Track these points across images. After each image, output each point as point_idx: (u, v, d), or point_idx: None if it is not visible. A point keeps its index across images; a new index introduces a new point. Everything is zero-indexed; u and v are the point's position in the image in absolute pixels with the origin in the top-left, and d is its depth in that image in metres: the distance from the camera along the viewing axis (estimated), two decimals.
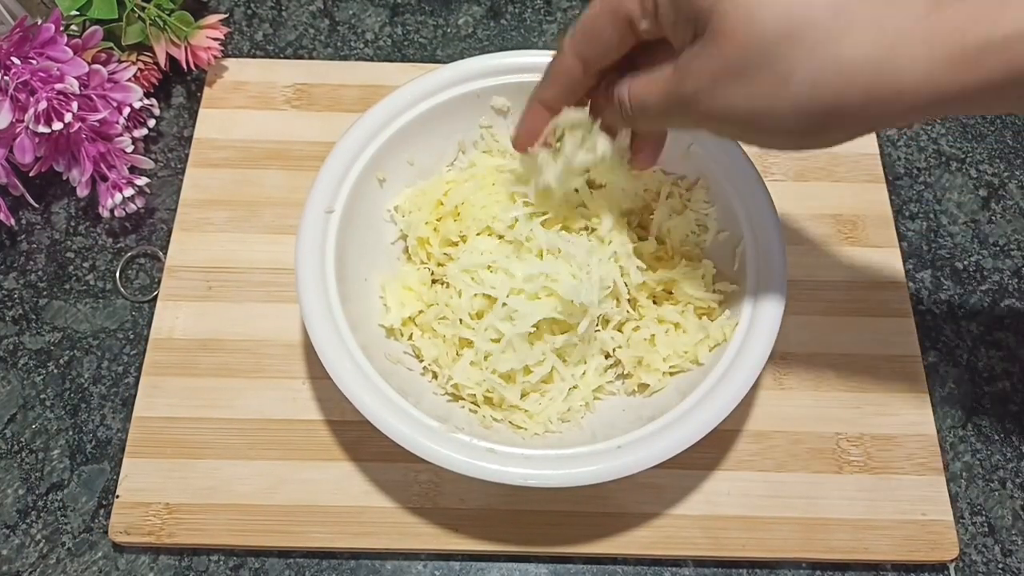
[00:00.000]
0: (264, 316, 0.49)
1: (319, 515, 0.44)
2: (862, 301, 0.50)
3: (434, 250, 0.45)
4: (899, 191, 0.56)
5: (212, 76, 0.57)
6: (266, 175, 0.53)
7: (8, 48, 0.47)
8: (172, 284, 0.50)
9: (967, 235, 0.54)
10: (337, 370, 0.38)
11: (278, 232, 0.51)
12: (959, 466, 0.47)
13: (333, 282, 0.41)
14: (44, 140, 0.48)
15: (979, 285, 0.53)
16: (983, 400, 0.49)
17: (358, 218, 0.44)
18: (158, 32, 0.53)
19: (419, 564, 0.44)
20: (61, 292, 0.51)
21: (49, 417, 0.47)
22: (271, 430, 0.46)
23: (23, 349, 0.49)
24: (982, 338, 0.51)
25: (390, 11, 0.62)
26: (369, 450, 0.45)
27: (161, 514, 0.43)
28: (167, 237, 0.52)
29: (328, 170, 0.44)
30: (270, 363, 0.48)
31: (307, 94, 0.56)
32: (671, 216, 0.46)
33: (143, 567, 0.43)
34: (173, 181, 0.54)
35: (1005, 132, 0.58)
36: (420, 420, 0.38)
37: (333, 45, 0.60)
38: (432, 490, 0.44)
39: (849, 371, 0.48)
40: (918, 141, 0.58)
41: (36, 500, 0.45)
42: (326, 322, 0.40)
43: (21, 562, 0.43)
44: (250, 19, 0.61)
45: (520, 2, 0.63)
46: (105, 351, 0.49)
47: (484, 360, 0.41)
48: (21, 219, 0.53)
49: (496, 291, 0.41)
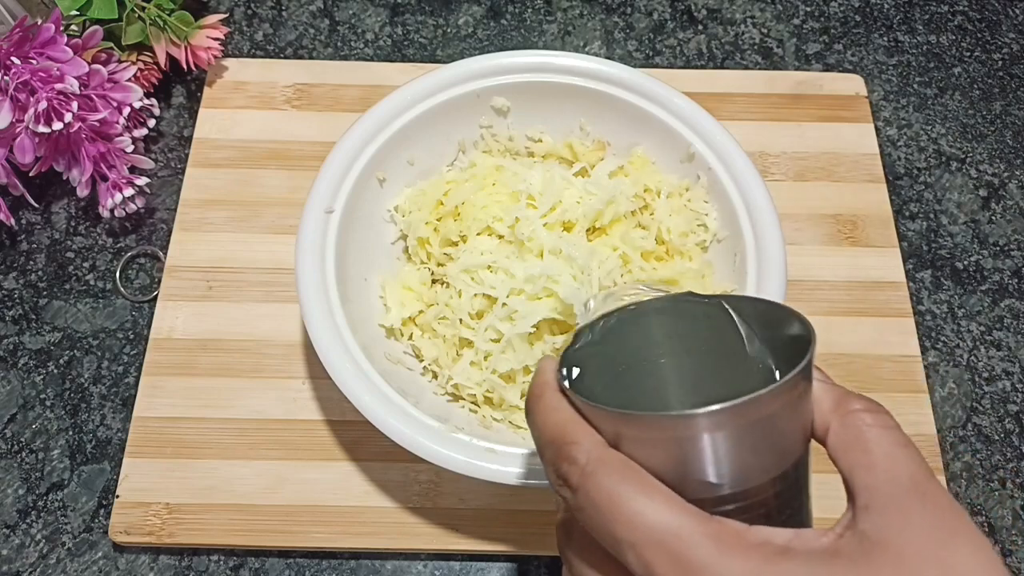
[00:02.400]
0: (264, 316, 0.49)
1: (319, 515, 0.44)
2: (862, 301, 0.50)
3: (434, 250, 0.45)
4: (899, 191, 0.56)
5: (212, 76, 0.57)
6: (266, 175, 0.53)
7: (8, 48, 0.47)
8: (172, 284, 0.50)
9: (967, 235, 0.54)
10: (337, 370, 0.38)
11: (278, 232, 0.51)
12: (959, 466, 0.47)
13: (333, 282, 0.41)
14: (44, 140, 0.48)
15: (979, 285, 0.53)
16: (983, 400, 0.49)
17: (358, 218, 0.44)
18: (158, 32, 0.53)
19: (419, 564, 0.44)
20: (61, 292, 0.51)
21: (49, 417, 0.47)
22: (271, 430, 0.46)
23: (23, 349, 0.49)
24: (982, 338, 0.51)
25: (390, 11, 0.62)
26: (369, 450, 0.45)
27: (161, 514, 0.43)
28: (167, 237, 0.52)
29: (328, 170, 0.44)
30: (270, 363, 0.48)
31: (307, 94, 0.56)
32: (671, 215, 0.46)
33: (143, 567, 0.43)
34: (173, 181, 0.54)
35: (1005, 132, 0.58)
36: (420, 420, 0.38)
37: (333, 45, 0.60)
38: (432, 490, 0.44)
39: (849, 371, 0.48)
40: (918, 141, 0.58)
41: (36, 500, 0.45)
42: (326, 322, 0.40)
43: (21, 562, 0.43)
44: (250, 19, 0.61)
45: (520, 2, 0.63)
46: (105, 351, 0.49)
47: (484, 360, 0.41)
48: (21, 219, 0.53)
49: (496, 291, 0.41)
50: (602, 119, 0.48)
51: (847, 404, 0.24)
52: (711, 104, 0.48)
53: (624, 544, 0.22)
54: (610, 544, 0.23)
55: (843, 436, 0.24)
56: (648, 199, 0.47)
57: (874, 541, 0.22)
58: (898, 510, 0.22)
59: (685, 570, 0.21)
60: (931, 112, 0.59)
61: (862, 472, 0.23)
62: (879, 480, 0.23)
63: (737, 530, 0.22)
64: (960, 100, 0.59)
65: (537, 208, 0.44)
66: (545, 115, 0.48)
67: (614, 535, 0.23)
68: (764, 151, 0.55)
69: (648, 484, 0.23)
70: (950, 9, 0.64)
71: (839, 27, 0.62)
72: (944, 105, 0.59)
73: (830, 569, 0.21)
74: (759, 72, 0.59)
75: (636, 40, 0.61)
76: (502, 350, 0.41)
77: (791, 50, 0.61)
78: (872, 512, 0.22)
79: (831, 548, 0.22)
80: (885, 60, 0.61)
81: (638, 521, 0.22)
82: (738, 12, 0.63)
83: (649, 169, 0.47)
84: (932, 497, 0.22)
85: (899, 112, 0.59)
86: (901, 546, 0.21)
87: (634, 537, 0.22)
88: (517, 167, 0.46)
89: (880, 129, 0.58)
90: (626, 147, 0.48)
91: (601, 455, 0.24)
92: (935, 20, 0.63)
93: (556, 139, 0.49)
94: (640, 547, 0.22)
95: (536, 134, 0.49)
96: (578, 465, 0.24)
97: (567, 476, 0.24)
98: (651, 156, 0.47)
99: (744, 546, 0.22)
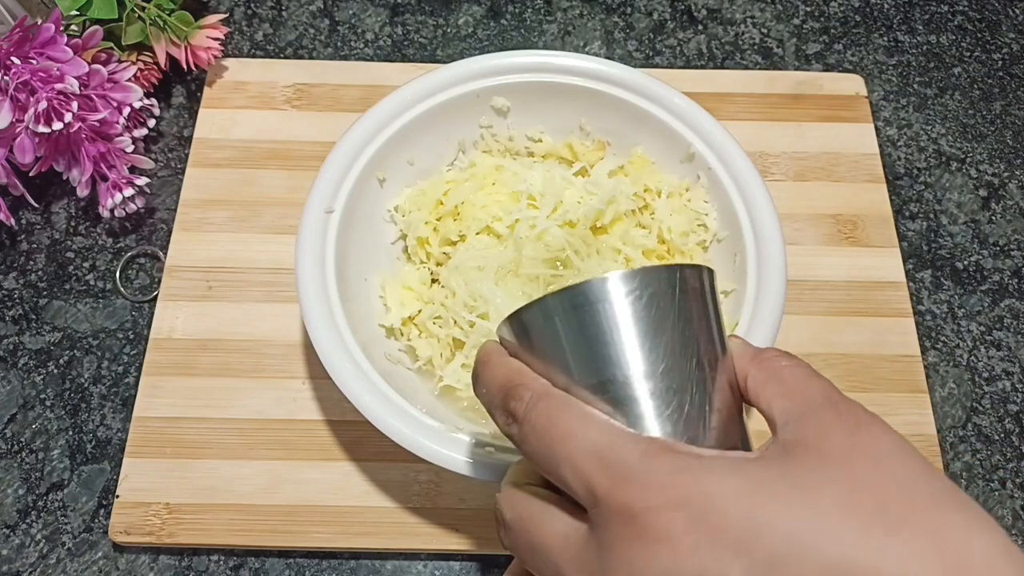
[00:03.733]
0: (264, 316, 0.49)
1: (319, 515, 0.44)
2: (862, 301, 0.50)
3: (433, 250, 0.45)
4: (899, 191, 0.56)
5: (212, 76, 0.57)
6: (266, 175, 0.53)
7: (8, 48, 0.47)
8: (172, 284, 0.50)
9: (967, 235, 0.54)
10: (337, 370, 0.38)
11: (278, 232, 0.51)
12: (959, 466, 0.47)
13: (333, 282, 0.41)
14: (44, 140, 0.48)
15: (979, 285, 0.53)
16: (983, 400, 0.49)
17: (358, 218, 0.44)
18: (158, 32, 0.53)
19: (419, 564, 0.44)
20: (61, 292, 0.51)
21: (49, 417, 0.47)
22: (271, 430, 0.46)
23: (23, 349, 0.49)
24: (982, 338, 0.51)
25: (390, 11, 0.62)
26: (369, 450, 0.45)
27: (161, 514, 0.43)
28: (167, 237, 0.52)
29: (328, 170, 0.44)
30: (270, 363, 0.48)
31: (307, 94, 0.56)
32: (672, 215, 0.46)
33: (143, 567, 0.43)
34: (173, 181, 0.54)
35: (1005, 132, 0.58)
36: (420, 420, 0.38)
37: (333, 45, 0.60)
38: (432, 490, 0.44)
39: (849, 371, 0.48)
40: (918, 141, 0.58)
41: (36, 500, 0.45)
42: (326, 322, 0.40)
43: (21, 562, 0.43)
44: (250, 19, 0.61)
45: (520, 2, 0.63)
46: (105, 351, 0.49)
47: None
48: (21, 219, 0.53)
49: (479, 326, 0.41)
50: (602, 119, 0.48)
51: (762, 353, 0.27)
52: (711, 104, 0.48)
53: (561, 459, 0.24)
54: (549, 466, 0.25)
55: (760, 376, 0.26)
56: (648, 199, 0.47)
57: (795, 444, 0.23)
58: (815, 419, 0.24)
59: (615, 472, 0.23)
60: (931, 112, 0.59)
61: (779, 400, 0.25)
62: (795, 402, 0.25)
63: (666, 443, 0.24)
64: (960, 100, 0.59)
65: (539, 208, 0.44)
66: (545, 115, 0.48)
67: (552, 453, 0.25)
68: (764, 151, 0.55)
69: (585, 411, 0.25)
70: (950, 9, 0.64)
71: (839, 27, 0.62)
72: (944, 105, 0.59)
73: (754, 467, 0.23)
74: (759, 72, 0.59)
75: (636, 40, 0.61)
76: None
77: (791, 50, 0.61)
78: (790, 425, 0.24)
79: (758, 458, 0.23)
80: (885, 60, 0.61)
81: (575, 438, 0.24)
82: (738, 12, 0.63)
83: (649, 169, 0.47)
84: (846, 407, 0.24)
85: (899, 112, 0.59)
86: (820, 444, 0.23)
87: (569, 451, 0.24)
88: (517, 167, 0.46)
89: (880, 129, 0.58)
90: (626, 147, 0.48)
91: (544, 389, 0.26)
92: (935, 20, 0.63)
93: (556, 139, 0.49)
94: (575, 459, 0.24)
95: (536, 134, 0.49)
96: (523, 401, 0.26)
97: (514, 411, 0.26)
98: (651, 156, 0.47)
99: (671, 452, 0.23)
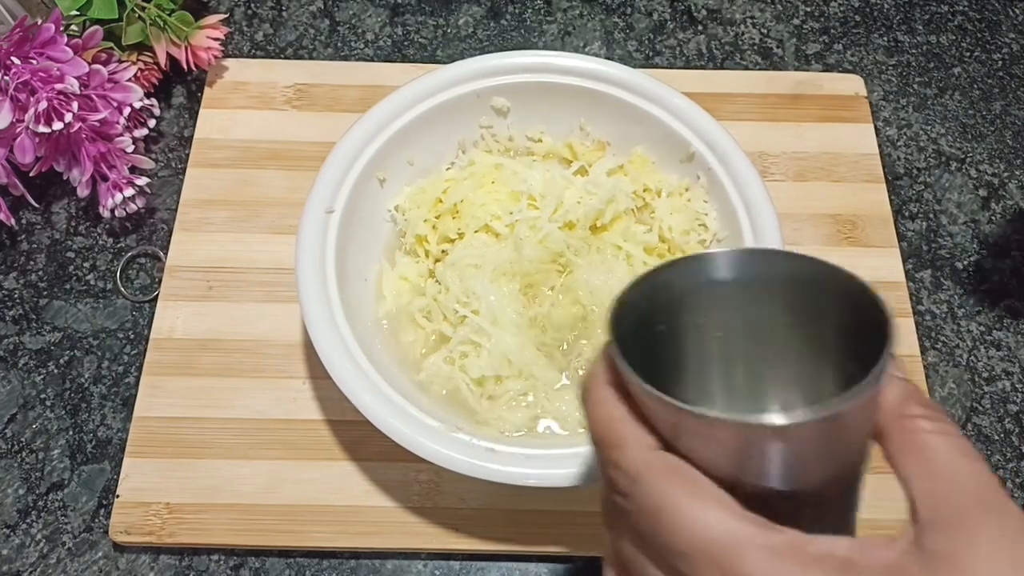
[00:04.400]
0: (264, 316, 0.49)
1: (319, 515, 0.44)
2: None
3: (432, 247, 0.45)
4: (899, 191, 0.56)
5: (212, 76, 0.57)
6: (266, 175, 0.53)
7: (8, 48, 0.47)
8: (172, 284, 0.50)
9: (967, 235, 0.54)
10: (337, 370, 0.38)
11: (278, 232, 0.51)
12: None
13: (333, 282, 0.41)
14: (44, 140, 0.48)
15: (979, 285, 0.53)
16: (983, 400, 0.49)
17: (358, 218, 0.44)
18: (158, 32, 0.53)
19: (419, 564, 0.44)
20: (61, 292, 0.51)
21: (49, 417, 0.47)
22: (271, 430, 0.46)
23: (23, 349, 0.49)
24: (982, 338, 0.51)
25: (390, 11, 0.62)
26: (369, 450, 0.45)
27: (161, 514, 0.43)
28: (167, 237, 0.52)
29: (328, 170, 0.44)
30: (270, 363, 0.48)
31: (307, 94, 0.56)
32: (672, 214, 0.46)
33: (143, 567, 0.44)
34: (173, 181, 0.54)
35: (1005, 132, 0.58)
36: (420, 420, 0.38)
37: (333, 45, 0.60)
38: (432, 490, 0.44)
39: None
40: (918, 141, 0.58)
41: (36, 500, 0.45)
42: (326, 322, 0.40)
43: (21, 562, 0.43)
44: (250, 19, 0.61)
45: (520, 2, 0.63)
46: (105, 351, 0.49)
47: (459, 359, 0.42)
48: (21, 219, 0.53)
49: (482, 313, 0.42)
50: (602, 119, 0.48)
51: (906, 407, 0.23)
52: (711, 104, 0.48)
53: (676, 554, 0.21)
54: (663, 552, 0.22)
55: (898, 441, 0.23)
56: (648, 198, 0.47)
57: (941, 559, 0.20)
58: (965, 527, 0.21)
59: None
60: (931, 112, 0.59)
61: (921, 480, 0.22)
62: (942, 491, 0.21)
63: (796, 541, 0.21)
64: (960, 100, 0.59)
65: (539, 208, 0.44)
66: (545, 115, 0.48)
67: (666, 545, 0.22)
68: (764, 151, 0.55)
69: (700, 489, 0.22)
70: (950, 9, 0.64)
71: (839, 27, 0.62)
72: (944, 105, 0.59)
73: None
74: (759, 72, 0.59)
75: (636, 40, 0.61)
76: (477, 354, 0.41)
77: (791, 50, 0.61)
78: (937, 528, 0.21)
79: (896, 565, 0.21)
80: (885, 60, 0.61)
81: (690, 531, 0.21)
82: (738, 12, 0.63)
83: (649, 169, 0.47)
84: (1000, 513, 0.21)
85: (899, 112, 0.59)
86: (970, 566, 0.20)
87: (686, 547, 0.21)
88: (517, 166, 0.46)
89: (880, 129, 0.58)
90: (626, 147, 0.48)
91: (647, 460, 0.22)
92: (935, 20, 0.63)
93: (556, 139, 0.49)
94: (693, 558, 0.21)
95: (536, 134, 0.49)
96: (623, 471, 0.23)
97: (615, 482, 0.23)
98: (651, 156, 0.47)
99: (803, 559, 0.20)
